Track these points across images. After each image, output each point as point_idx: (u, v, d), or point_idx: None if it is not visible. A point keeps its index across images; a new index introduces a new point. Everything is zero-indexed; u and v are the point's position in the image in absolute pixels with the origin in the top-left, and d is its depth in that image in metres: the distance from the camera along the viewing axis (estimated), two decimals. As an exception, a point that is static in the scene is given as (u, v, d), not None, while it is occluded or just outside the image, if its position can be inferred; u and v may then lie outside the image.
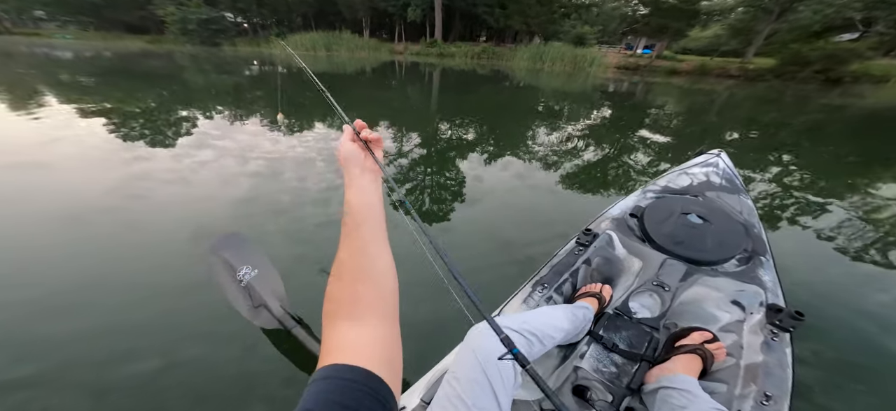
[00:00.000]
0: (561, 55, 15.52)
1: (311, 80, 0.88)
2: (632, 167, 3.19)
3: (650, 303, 0.99)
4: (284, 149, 3.19)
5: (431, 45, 20.08)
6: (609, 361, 0.83)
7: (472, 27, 24.73)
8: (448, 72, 11.85)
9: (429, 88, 8.08)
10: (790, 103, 7.50)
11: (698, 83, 12.17)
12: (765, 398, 0.70)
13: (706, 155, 1.66)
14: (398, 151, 3.23)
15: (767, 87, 10.89)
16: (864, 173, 3.19)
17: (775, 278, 0.99)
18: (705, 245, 1.07)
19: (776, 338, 0.80)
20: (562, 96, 7.85)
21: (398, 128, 4.12)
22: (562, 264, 1.05)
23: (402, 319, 0.34)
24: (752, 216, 1.24)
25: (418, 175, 2.73)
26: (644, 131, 4.62)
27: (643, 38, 20.40)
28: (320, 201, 2.17)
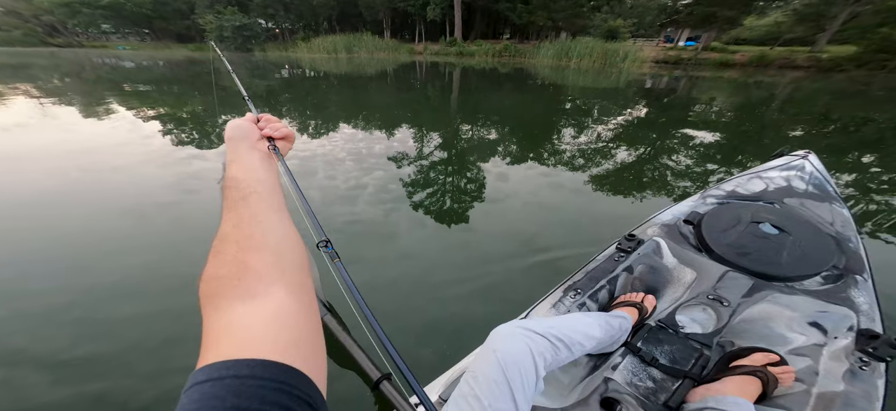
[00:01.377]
0: (589, 50, 15.04)
1: (227, 71, 0.92)
2: (672, 169, 2.99)
3: (703, 318, 0.93)
4: (314, 147, 3.42)
5: (451, 45, 20.36)
6: (646, 375, 0.79)
7: (494, 25, 24.79)
8: (468, 71, 11.92)
9: (449, 89, 8.18)
10: (881, 96, 6.57)
11: (755, 76, 11.32)
12: None
13: (788, 157, 1.51)
14: (419, 153, 3.28)
15: (847, 79, 9.71)
16: None
17: (873, 300, 0.89)
18: (780, 258, 0.98)
19: (866, 367, 0.73)
20: (590, 94, 7.57)
21: (419, 128, 4.20)
22: (599, 270, 1.02)
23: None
24: (848, 228, 1.12)
25: (439, 176, 2.74)
26: (687, 130, 4.32)
27: (685, 29, 19.13)
28: (348, 198, 2.30)
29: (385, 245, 1.79)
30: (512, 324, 0.64)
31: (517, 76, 10.59)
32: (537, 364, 0.58)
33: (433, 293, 1.44)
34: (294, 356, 0.20)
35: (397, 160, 3.03)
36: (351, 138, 3.73)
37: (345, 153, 3.21)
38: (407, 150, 3.27)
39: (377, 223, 2.00)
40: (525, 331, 0.62)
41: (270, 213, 0.29)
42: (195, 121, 4.65)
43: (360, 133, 3.96)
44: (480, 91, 7.71)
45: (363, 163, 2.96)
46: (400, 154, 3.18)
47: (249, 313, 0.21)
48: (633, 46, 15.91)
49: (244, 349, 0.19)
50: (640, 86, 9.14)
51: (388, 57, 18.56)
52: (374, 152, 3.25)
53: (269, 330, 0.21)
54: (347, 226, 1.97)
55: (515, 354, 0.57)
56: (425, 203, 2.26)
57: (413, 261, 1.66)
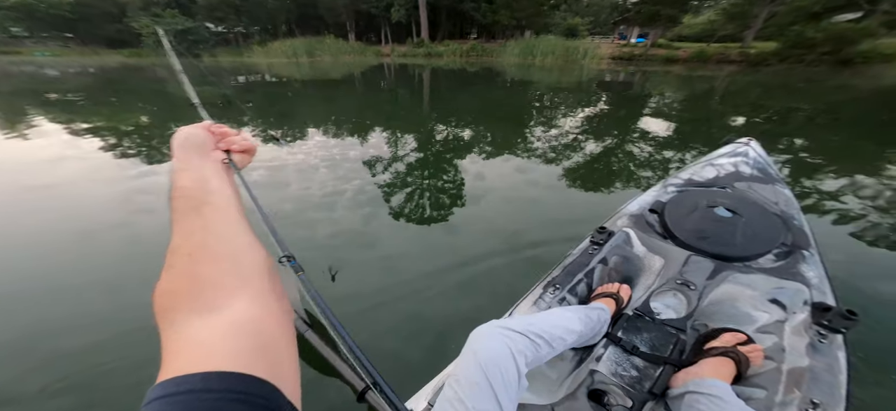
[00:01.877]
0: (552, 48, 15.66)
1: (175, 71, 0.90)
2: (636, 159, 3.20)
3: (675, 303, 0.97)
4: (285, 156, 3.27)
5: (418, 46, 20.32)
6: (629, 364, 0.81)
7: (461, 25, 25.12)
8: (438, 72, 11.95)
9: (419, 90, 8.14)
10: (800, 87, 7.58)
11: (697, 70, 12.47)
12: (811, 405, 0.67)
13: (734, 144, 1.62)
14: (394, 156, 3.23)
15: (773, 72, 11.07)
16: (892, 156, 3.11)
17: (822, 274, 0.95)
18: (735, 239, 1.04)
19: (825, 340, 0.77)
20: (557, 90, 7.90)
21: (392, 132, 4.14)
22: (575, 264, 1.03)
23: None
24: (791, 207, 1.20)
25: (416, 178, 2.72)
26: (645, 122, 4.67)
27: (636, 27, 20.77)
28: (326, 206, 2.25)
29: (367, 250, 1.76)
30: (491, 325, 0.64)
31: (486, 75, 10.78)
32: (518, 362, 0.59)
33: (418, 295, 1.43)
34: (257, 364, 0.19)
35: (372, 165, 2.97)
36: (323, 145, 3.62)
37: (318, 160, 3.11)
38: (382, 155, 3.22)
39: (357, 230, 1.96)
40: (504, 331, 0.62)
41: (226, 223, 0.28)
42: (141, 133, 4.25)
43: (332, 139, 3.84)
44: (452, 91, 7.77)
45: (338, 169, 2.88)
46: (375, 158, 3.12)
47: (206, 326, 0.21)
48: (591, 44, 16.81)
49: (200, 362, 0.18)
50: (601, 81, 9.69)
51: (354, 60, 18.10)
52: (349, 158, 3.16)
53: (227, 341, 0.20)
54: (327, 234, 1.91)
55: (495, 354, 0.58)
56: (404, 207, 2.23)
57: (396, 265, 1.64)
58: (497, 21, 21.12)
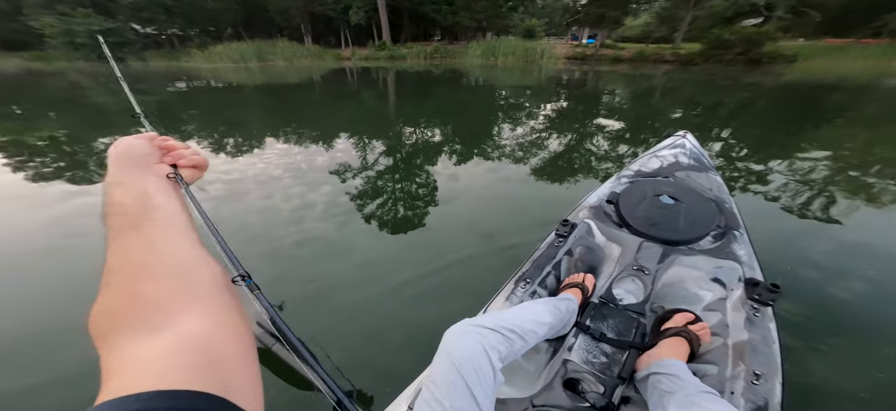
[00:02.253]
0: (512, 49, 16.24)
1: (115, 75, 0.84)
2: (595, 153, 3.44)
3: (634, 288, 1.02)
4: (242, 167, 3.07)
5: (380, 49, 19.91)
6: (598, 351, 0.83)
7: (424, 27, 25.13)
8: (403, 75, 11.83)
9: (385, 94, 8.01)
10: (722, 84, 8.67)
11: (640, 69, 13.70)
12: (755, 377, 0.70)
13: (673, 137, 1.74)
14: (364, 163, 3.17)
15: (700, 70, 12.56)
16: (796, 139, 3.74)
17: (751, 251, 1.03)
18: (678, 224, 1.11)
19: (758, 313, 0.82)
20: (521, 90, 8.22)
21: (360, 137, 4.03)
22: (543, 257, 1.06)
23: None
24: (723, 192, 1.30)
25: (388, 184, 2.69)
26: (601, 118, 5.03)
27: (586, 28, 22.43)
28: (295, 219, 2.15)
29: (342, 259, 1.72)
30: (463, 323, 0.65)
31: (451, 77, 10.88)
32: (491, 358, 0.60)
33: (397, 300, 1.43)
34: (204, 380, 0.19)
35: (341, 172, 2.88)
36: (286, 153, 3.44)
37: (281, 170, 2.96)
38: (350, 161, 3.13)
39: (331, 238, 1.91)
40: (476, 329, 0.63)
41: (170, 238, 0.26)
42: (59, 148, 3.72)
43: (296, 147, 3.67)
44: (418, 94, 7.75)
45: (305, 178, 2.76)
46: (344, 165, 3.03)
47: (147, 345, 0.20)
48: (548, 44, 17.61)
49: (138, 382, 0.17)
50: (559, 80, 10.25)
51: (312, 64, 17.19)
52: (316, 166, 3.04)
53: (168, 358, 0.19)
54: (298, 244, 1.84)
55: (468, 352, 0.58)
56: (378, 213, 2.20)
57: (373, 271, 1.62)
58: (458, 22, 21.38)
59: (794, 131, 4.06)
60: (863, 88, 7.10)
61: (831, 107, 5.49)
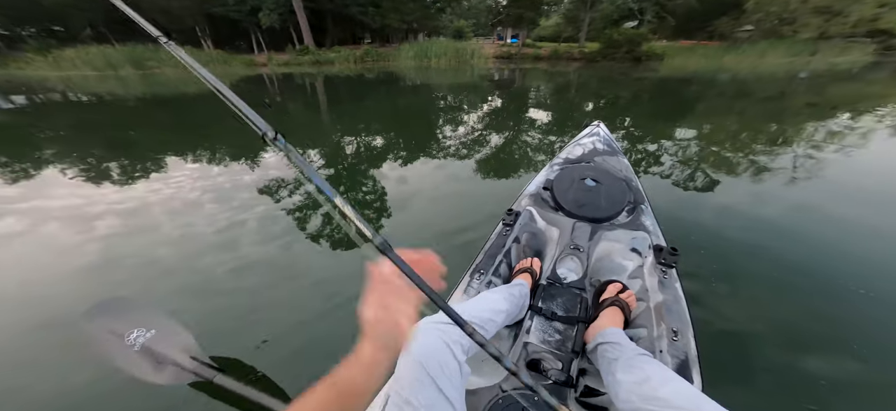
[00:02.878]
0: (444, 50, 16.66)
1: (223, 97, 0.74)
2: (530, 145, 3.78)
3: (574, 266, 1.10)
4: (142, 193, 2.63)
5: (302, 53, 18.33)
6: (552, 330, 0.87)
7: (352, 30, 23.95)
8: (333, 80, 11.13)
9: (315, 101, 7.49)
10: (618, 79, 10.27)
11: (556, 66, 15.38)
12: (673, 334, 0.76)
13: (590, 127, 1.94)
14: (300, 176, 2.88)
15: (601, 67, 14.76)
16: (673, 124, 4.69)
17: (654, 221, 1.18)
18: (600, 204, 1.24)
19: (666, 276, 0.91)
20: (458, 89, 8.52)
21: (293, 149, 3.67)
22: (494, 247, 1.10)
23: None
24: (630, 172, 1.50)
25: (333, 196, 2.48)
26: (530, 112, 5.53)
27: (509, 28, 24.39)
28: (225, 242, 1.93)
29: (291, 282, 1.61)
30: (423, 322, 0.64)
31: (387, 80, 10.69)
32: (454, 352, 0.60)
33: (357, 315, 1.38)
34: None
35: (275, 190, 2.65)
36: (202, 174, 3.02)
37: (199, 193, 2.61)
38: (285, 177, 2.88)
39: (275, 262, 1.76)
40: (435, 325, 0.63)
41: None
42: None
43: (214, 167, 3.23)
44: (353, 99, 7.40)
45: (232, 200, 2.46)
46: (277, 182, 2.78)
47: None
48: (477, 44, 18.45)
49: None
50: (491, 78, 10.88)
51: (216, 72, 14.76)
52: (243, 184, 2.74)
53: None
54: (234, 271, 1.68)
55: (431, 348, 0.59)
56: (325, 228, 2.08)
57: (327, 290, 1.54)
58: (387, 24, 20.94)
59: (670, 117, 5.13)
60: (708, 81, 9.29)
61: (691, 97, 7.00)
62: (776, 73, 10.47)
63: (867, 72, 10.16)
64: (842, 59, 14.47)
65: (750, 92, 7.35)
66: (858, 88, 7.19)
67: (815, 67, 11.64)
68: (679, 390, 0.56)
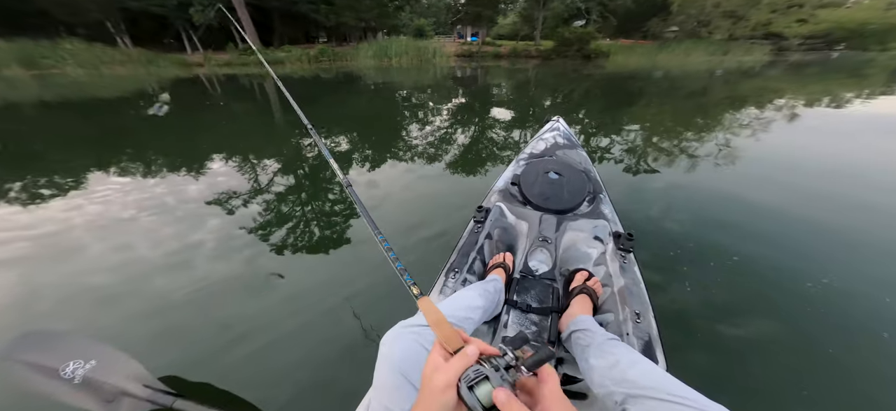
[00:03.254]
0: (405, 49, 16.48)
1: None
2: (497, 141, 3.90)
3: (544, 258, 1.14)
4: (60, 214, 2.27)
5: (246, 53, 16.84)
6: (528, 322, 0.89)
7: (305, 28, 22.49)
8: (286, 81, 10.40)
9: (267, 104, 6.97)
10: (571, 76, 10.99)
11: (516, 64, 15.97)
12: (636, 316, 0.78)
13: (551, 122, 2.03)
14: (256, 186, 2.73)
15: (555, 64, 15.63)
16: (621, 117, 5.14)
17: (612, 209, 1.25)
18: (563, 195, 1.30)
19: (626, 261, 0.95)
20: (422, 89, 8.49)
21: (243, 157, 3.44)
22: (467, 245, 1.10)
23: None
24: (588, 163, 1.59)
25: (295, 207, 2.41)
26: (494, 110, 5.69)
27: (469, 26, 24.82)
28: (177, 262, 1.76)
29: (261, 299, 1.52)
30: (397, 327, 0.64)
31: (347, 80, 10.29)
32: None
33: (334, 324, 1.36)
34: None
35: (226, 201, 2.45)
36: (136, 187, 2.69)
37: (135, 209, 2.32)
38: (237, 187, 2.67)
39: (240, 277, 1.65)
40: (411, 329, 0.63)
41: None
42: None
43: (149, 179, 2.89)
44: (310, 100, 7.03)
45: (176, 214, 2.25)
46: (229, 193, 2.56)
47: None
48: (438, 43, 18.47)
49: None
50: (454, 76, 11.00)
51: (135, 73, 12.94)
52: (189, 197, 2.49)
53: None
54: (195, 294, 1.54)
55: (408, 353, 0.57)
56: (291, 238, 1.98)
57: (302, 303, 1.48)
58: (342, 22, 20.13)
59: (618, 111, 5.66)
60: (646, 78, 10.35)
61: (634, 92, 7.72)
62: (699, 70, 12.03)
63: (766, 69, 12.06)
64: (747, 58, 17.07)
65: (680, 87, 8.35)
66: (761, 83, 8.54)
67: (727, 65, 13.55)
68: (645, 371, 0.58)
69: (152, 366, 1.04)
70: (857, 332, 1.28)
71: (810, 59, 15.82)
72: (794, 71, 11.53)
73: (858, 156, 3.13)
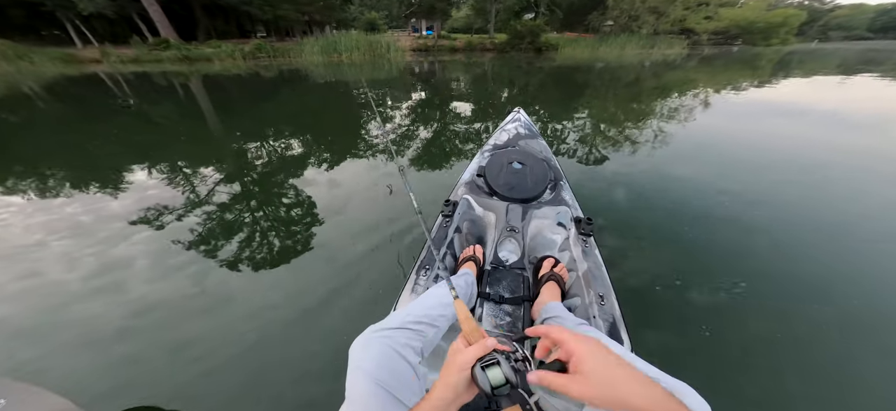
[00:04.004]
0: (356, 44, 15.84)
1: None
2: (460, 135, 3.96)
3: (513, 248, 1.17)
4: None
5: (161, 47, 14.62)
6: (502, 313, 0.90)
7: (239, 22, 20.18)
8: (216, 80, 9.38)
9: (195, 106, 6.20)
10: (525, 68, 11.52)
11: (472, 57, 16.27)
12: (600, 299, 0.81)
13: (512, 113, 2.08)
14: (193, 198, 2.46)
15: (510, 57, 16.24)
16: (572, 106, 5.55)
17: (572, 195, 1.29)
18: (527, 184, 1.33)
19: (587, 245, 0.98)
20: (379, 84, 8.25)
21: (171, 167, 3.07)
22: (437, 240, 1.10)
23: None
24: (548, 152, 1.65)
25: (243, 214, 2.22)
26: (456, 103, 5.77)
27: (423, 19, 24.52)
28: (103, 286, 1.58)
29: (213, 317, 1.40)
30: (366, 333, 0.63)
31: (292, 78, 9.61)
32: (405, 356, 0.59)
33: (305, 337, 1.30)
34: None
35: (158, 217, 2.19)
36: (40, 208, 2.31)
37: (42, 233, 2.02)
38: (167, 201, 2.40)
39: (187, 297, 1.51)
40: (380, 334, 0.61)
41: None
42: None
43: (55, 199, 2.46)
44: (251, 101, 6.44)
45: (96, 235, 1.97)
46: (158, 208, 2.30)
47: None
48: (392, 37, 18.00)
49: None
50: (412, 71, 10.88)
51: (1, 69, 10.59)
52: (109, 215, 2.20)
53: None
54: (133, 319, 1.40)
55: (379, 359, 0.56)
56: (245, 252, 1.83)
57: (262, 317, 1.39)
58: (281, 16, 18.61)
59: (569, 101, 6.10)
60: (590, 69, 11.30)
61: (580, 83, 8.38)
62: (633, 62, 13.44)
63: (685, 62, 13.94)
64: (669, 51, 19.48)
65: (618, 78, 9.25)
66: (682, 75, 9.82)
67: (654, 58, 15.36)
68: None
69: (85, 398, 0.93)
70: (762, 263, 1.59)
71: (717, 53, 18.69)
72: (706, 63, 13.43)
73: (759, 133, 3.77)
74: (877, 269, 1.58)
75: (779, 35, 26.97)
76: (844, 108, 5.00)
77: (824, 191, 2.35)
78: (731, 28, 26.24)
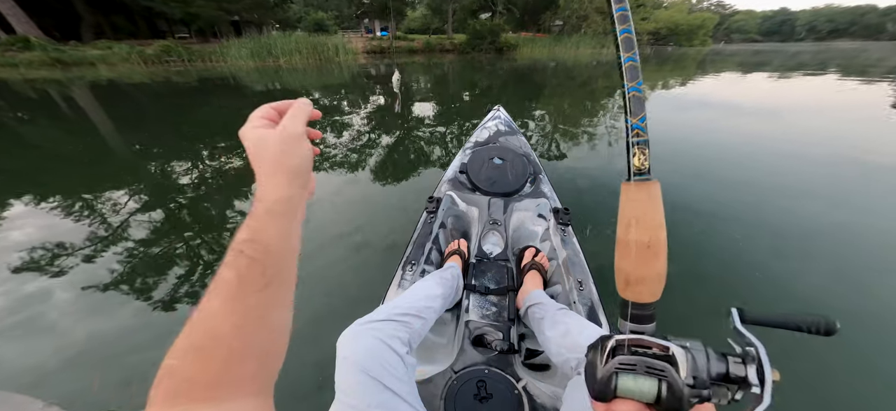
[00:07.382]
0: (296, 46, 14.79)
1: None
2: (423, 137, 4.03)
3: (496, 240, 1.27)
4: None
5: (19, 46, 12.27)
6: (488, 304, 0.98)
7: (152, 21, 17.70)
8: (112, 89, 8.35)
9: (84, 121, 5.28)
10: (487, 69, 12.08)
11: (432, 58, 16.73)
12: (579, 284, 0.89)
13: (492, 111, 2.20)
14: (119, 230, 2.18)
15: (471, 58, 16.82)
16: (534, 104, 5.92)
17: (550, 187, 1.42)
18: (508, 178, 1.45)
19: (566, 234, 1.08)
20: (333, 90, 8.12)
21: (70, 197, 2.66)
22: (421, 236, 1.17)
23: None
24: (527, 147, 1.77)
25: (187, 237, 2.03)
26: (424, 104, 5.89)
27: (376, 20, 24.35)
28: (31, 320, 1.47)
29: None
30: (353, 326, 0.66)
31: (219, 87, 8.93)
32: (394, 347, 0.62)
33: (295, 337, 1.22)
34: None
35: (58, 260, 1.89)
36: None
37: None
38: (73, 238, 2.07)
39: (147, 327, 1.40)
40: (368, 325, 0.65)
41: (280, 313, 0.27)
42: None
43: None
44: (163, 113, 5.88)
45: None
46: (93, 237, 2.05)
47: None
48: (341, 39, 17.25)
49: None
50: (368, 75, 10.83)
51: None
52: (14, 245, 1.92)
53: None
54: (77, 351, 1.28)
55: (367, 350, 0.60)
56: (184, 286, 1.67)
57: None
58: (195, 15, 16.49)
59: (531, 100, 6.51)
60: (546, 68, 12.20)
61: (538, 82, 9.06)
62: (587, 62, 14.75)
63: (631, 62, 15.63)
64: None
65: (573, 77, 10.16)
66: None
67: (604, 58, 17.00)
68: (592, 335, 0.65)
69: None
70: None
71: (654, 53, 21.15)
72: (644, 62, 15.19)
73: (694, 123, 4.49)
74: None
75: (699, 36, 31.79)
76: (744, 99, 6.24)
77: (726, 160, 3.11)
78: (663, 29, 30.09)
